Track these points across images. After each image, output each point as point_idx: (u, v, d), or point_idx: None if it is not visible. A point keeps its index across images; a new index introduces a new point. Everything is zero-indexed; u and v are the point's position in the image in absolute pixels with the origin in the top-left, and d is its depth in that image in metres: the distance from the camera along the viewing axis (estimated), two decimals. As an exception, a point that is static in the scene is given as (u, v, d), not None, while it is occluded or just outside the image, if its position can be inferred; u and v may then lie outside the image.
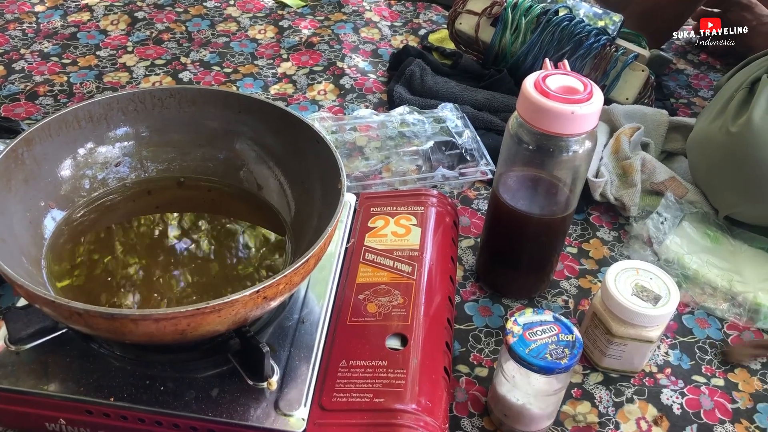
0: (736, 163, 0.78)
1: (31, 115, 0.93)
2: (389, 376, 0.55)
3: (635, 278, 0.64)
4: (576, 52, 0.96)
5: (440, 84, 0.99)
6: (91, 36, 1.09)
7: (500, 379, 0.60)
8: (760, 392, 0.67)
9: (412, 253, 0.66)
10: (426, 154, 0.87)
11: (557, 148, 0.62)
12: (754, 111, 0.75)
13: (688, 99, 1.07)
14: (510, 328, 0.57)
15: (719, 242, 0.80)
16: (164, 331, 0.45)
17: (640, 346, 0.64)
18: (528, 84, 0.60)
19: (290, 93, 1.01)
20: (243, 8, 1.19)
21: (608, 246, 0.81)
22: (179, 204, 0.65)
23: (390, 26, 1.18)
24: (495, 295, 0.74)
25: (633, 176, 0.83)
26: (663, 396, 0.66)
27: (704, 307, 0.74)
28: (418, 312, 0.60)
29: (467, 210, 0.84)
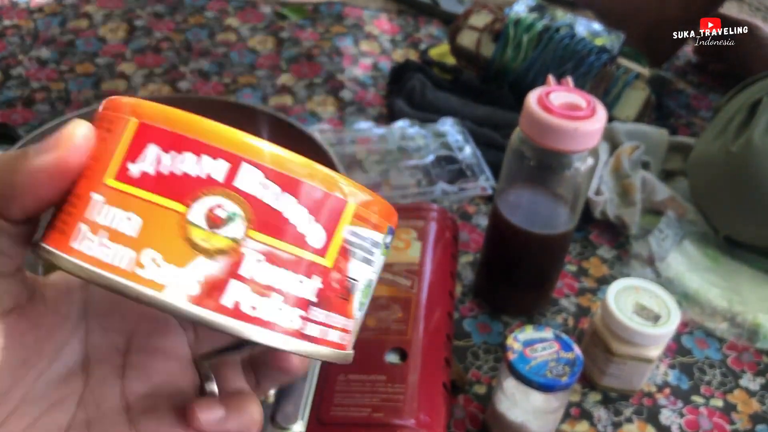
0: (735, 184, 0.78)
1: (28, 121, 0.92)
2: (388, 390, 0.55)
3: (635, 297, 0.63)
4: (577, 70, 0.96)
5: (441, 99, 0.99)
6: (89, 43, 1.09)
7: (499, 396, 0.59)
8: (758, 413, 0.67)
9: (411, 267, 0.65)
10: (426, 169, 0.87)
11: (559, 164, 0.62)
12: (754, 132, 0.75)
13: (688, 119, 1.07)
14: (510, 344, 0.57)
15: (719, 262, 0.79)
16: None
17: (639, 366, 0.64)
18: (531, 99, 0.60)
19: (289, 104, 1.01)
20: (243, 19, 1.19)
21: (608, 264, 0.80)
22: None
23: (390, 40, 1.18)
24: (494, 312, 0.74)
25: (633, 195, 0.83)
26: (662, 416, 0.66)
27: (703, 327, 0.74)
28: (417, 326, 0.59)
29: (466, 226, 0.84)
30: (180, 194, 0.23)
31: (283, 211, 0.24)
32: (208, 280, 0.23)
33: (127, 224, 0.23)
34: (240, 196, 0.23)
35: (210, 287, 0.23)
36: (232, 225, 0.23)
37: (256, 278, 0.24)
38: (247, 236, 0.23)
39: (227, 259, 0.23)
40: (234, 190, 0.23)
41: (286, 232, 0.24)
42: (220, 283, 0.23)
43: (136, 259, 0.23)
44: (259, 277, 0.24)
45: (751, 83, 0.83)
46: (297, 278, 0.24)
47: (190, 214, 0.23)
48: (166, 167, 0.23)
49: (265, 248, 0.24)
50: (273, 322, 0.24)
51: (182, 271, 0.23)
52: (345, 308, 0.26)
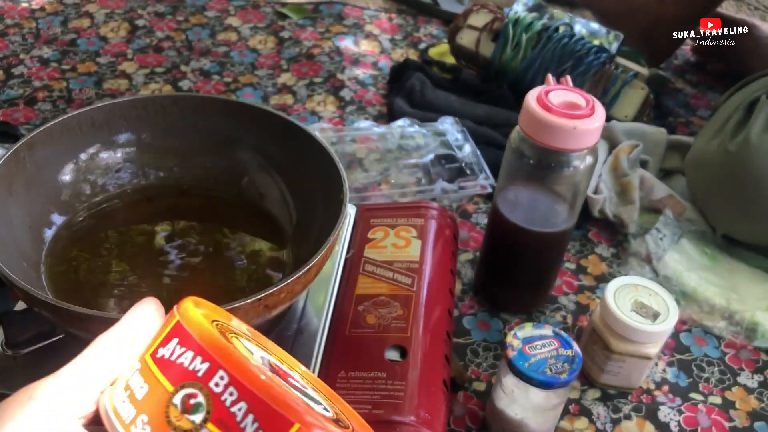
0: (733, 182, 0.78)
1: (30, 120, 0.93)
2: (388, 387, 0.55)
3: (634, 295, 0.64)
4: (576, 69, 0.96)
5: (440, 98, 1.00)
6: (91, 42, 1.09)
7: (499, 393, 0.60)
8: (757, 411, 0.67)
9: (411, 265, 0.65)
10: (426, 167, 0.87)
11: (558, 163, 0.62)
12: (751, 130, 0.76)
13: (687, 118, 1.07)
14: (510, 342, 0.57)
15: (717, 260, 0.80)
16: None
17: (638, 363, 0.64)
18: (531, 98, 0.60)
19: (290, 104, 1.01)
20: (243, 18, 1.19)
21: (606, 262, 0.81)
22: (180, 211, 0.65)
23: (390, 39, 1.19)
24: (493, 310, 0.74)
25: (632, 193, 0.83)
26: (660, 413, 0.66)
27: (702, 325, 0.74)
28: (417, 324, 0.60)
29: (466, 224, 0.84)
30: (174, 378, 0.30)
31: (236, 414, 0.29)
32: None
33: (140, 390, 0.30)
34: (208, 392, 0.29)
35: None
36: (197, 414, 0.29)
37: None
38: (204, 426, 0.29)
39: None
40: (206, 386, 0.29)
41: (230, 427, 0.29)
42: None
43: (134, 418, 0.30)
44: None
45: (749, 82, 0.84)
46: None
47: (175, 396, 0.29)
48: (175, 356, 0.30)
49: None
50: None
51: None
52: None
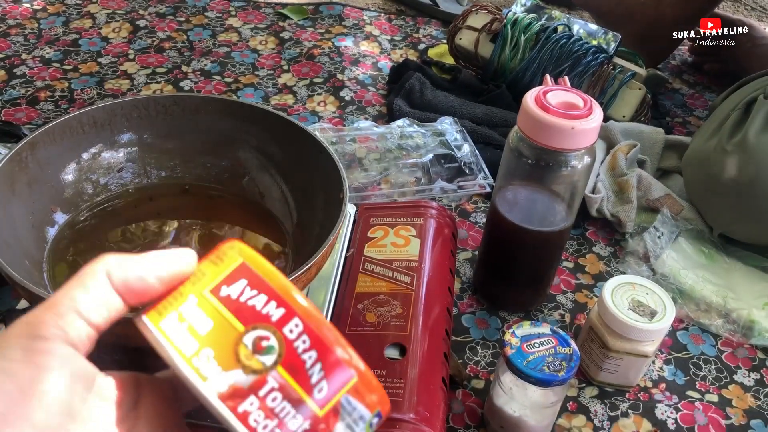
0: (731, 182, 0.78)
1: (32, 120, 0.93)
2: (387, 385, 0.55)
3: (632, 293, 0.64)
4: (574, 70, 0.97)
5: (439, 98, 1.00)
6: (92, 43, 1.10)
7: (497, 391, 0.60)
8: (753, 408, 0.68)
9: (411, 264, 0.66)
10: (425, 167, 0.88)
11: (556, 162, 0.63)
12: (749, 131, 0.76)
13: (684, 118, 1.08)
14: (508, 339, 0.58)
15: (714, 259, 0.80)
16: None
17: (635, 361, 0.65)
18: (529, 99, 0.61)
19: (290, 104, 1.02)
20: (244, 19, 1.20)
21: (604, 261, 0.81)
22: (181, 210, 0.65)
23: (390, 40, 1.19)
24: (492, 308, 0.74)
25: (629, 193, 0.84)
26: (657, 411, 0.67)
27: (699, 323, 0.75)
28: (416, 322, 0.60)
29: (465, 223, 0.84)
30: (245, 318, 0.31)
31: (306, 362, 0.31)
32: (236, 387, 0.30)
33: (203, 325, 0.31)
34: (282, 337, 0.31)
35: (235, 393, 0.30)
36: (268, 355, 0.31)
37: (267, 401, 0.31)
38: (274, 368, 0.31)
39: (255, 378, 0.31)
40: (280, 332, 0.31)
41: (301, 378, 0.31)
42: (243, 393, 0.30)
43: (197, 351, 0.31)
44: (269, 401, 0.31)
45: (747, 82, 0.84)
46: (294, 414, 0.31)
47: (246, 335, 0.31)
48: (244, 297, 0.32)
49: (283, 382, 0.31)
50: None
51: (223, 373, 0.31)
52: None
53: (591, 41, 1.01)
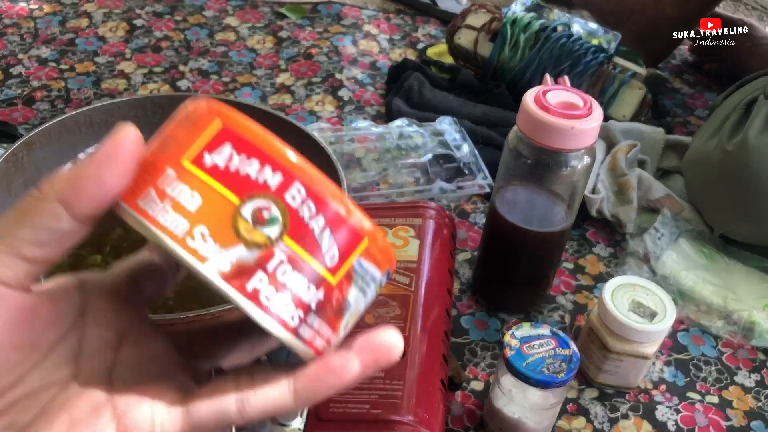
0: (731, 182, 0.78)
1: (28, 120, 0.93)
2: (386, 387, 0.55)
3: (632, 294, 0.64)
4: (574, 69, 0.97)
5: (439, 98, 1.00)
6: (89, 42, 1.09)
7: (497, 392, 0.60)
8: (754, 410, 0.68)
9: (409, 265, 0.66)
10: (424, 167, 0.87)
11: (556, 162, 0.62)
12: (749, 131, 0.76)
13: (684, 118, 1.07)
14: (507, 341, 0.57)
15: (714, 260, 0.80)
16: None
17: (635, 362, 0.64)
18: (528, 98, 0.60)
19: (288, 104, 1.01)
20: (242, 18, 1.19)
21: (604, 262, 0.81)
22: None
23: (388, 39, 1.19)
24: (491, 309, 0.74)
25: (629, 193, 0.84)
26: (658, 412, 0.66)
27: (699, 325, 0.74)
28: (415, 324, 0.60)
29: (464, 223, 0.84)
30: (239, 190, 0.28)
31: (314, 229, 0.28)
32: (240, 264, 0.27)
33: (190, 200, 0.28)
34: (284, 206, 0.28)
35: (240, 271, 0.27)
36: (272, 227, 0.28)
37: (277, 275, 0.28)
38: (280, 239, 0.28)
39: (260, 253, 0.28)
40: (282, 199, 0.28)
41: (310, 246, 0.28)
42: (249, 270, 0.27)
43: (189, 230, 0.27)
44: (279, 275, 0.28)
45: (747, 82, 0.84)
46: (307, 285, 0.28)
47: (243, 208, 0.28)
48: (234, 165, 0.28)
49: (291, 253, 0.28)
50: (278, 314, 0.28)
51: (223, 251, 0.27)
52: (335, 323, 0.30)
53: (591, 40, 1.01)
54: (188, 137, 0.29)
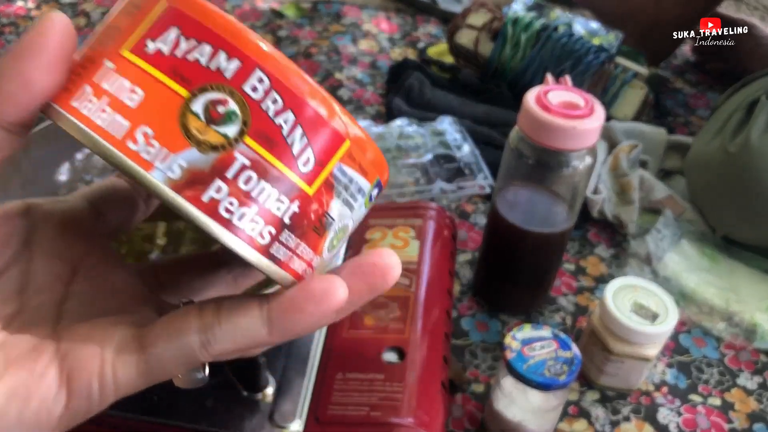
0: (733, 183, 0.78)
1: (26, 119, 0.92)
2: (386, 389, 0.55)
3: (634, 296, 0.64)
4: (575, 69, 0.96)
5: (439, 97, 0.99)
6: (88, 41, 1.09)
7: (497, 395, 0.59)
8: (756, 412, 0.67)
9: (409, 266, 0.65)
10: (424, 167, 0.87)
11: (557, 163, 0.62)
12: (752, 131, 0.75)
13: (686, 118, 1.07)
14: (508, 343, 0.57)
15: (716, 261, 0.80)
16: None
17: (637, 364, 0.64)
18: (529, 98, 0.60)
19: (288, 103, 1.01)
20: (241, 17, 1.19)
21: (606, 263, 0.81)
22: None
23: (389, 39, 1.18)
24: (492, 311, 0.74)
25: (631, 194, 0.83)
26: (660, 415, 0.66)
27: (701, 326, 0.74)
28: (415, 325, 0.59)
29: (464, 224, 0.84)
30: (187, 81, 0.23)
31: (282, 127, 0.24)
32: (193, 171, 0.23)
33: (130, 96, 0.23)
34: (244, 99, 0.23)
35: (194, 178, 0.23)
36: (230, 125, 0.23)
37: (240, 184, 0.24)
38: (241, 140, 0.24)
39: (216, 157, 0.23)
40: (240, 91, 0.23)
41: (279, 148, 0.24)
42: (204, 178, 0.23)
43: (130, 132, 0.23)
44: (242, 184, 0.24)
45: (749, 82, 0.84)
46: (277, 196, 0.24)
47: (193, 102, 0.23)
48: (181, 51, 0.23)
49: (255, 157, 0.24)
50: (244, 230, 0.24)
51: (171, 156, 0.23)
52: (316, 242, 0.26)
53: (592, 40, 1.01)
54: (130, 24, 0.24)
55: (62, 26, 0.24)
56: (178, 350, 0.25)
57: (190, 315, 0.26)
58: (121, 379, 0.25)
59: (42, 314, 0.27)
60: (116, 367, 0.25)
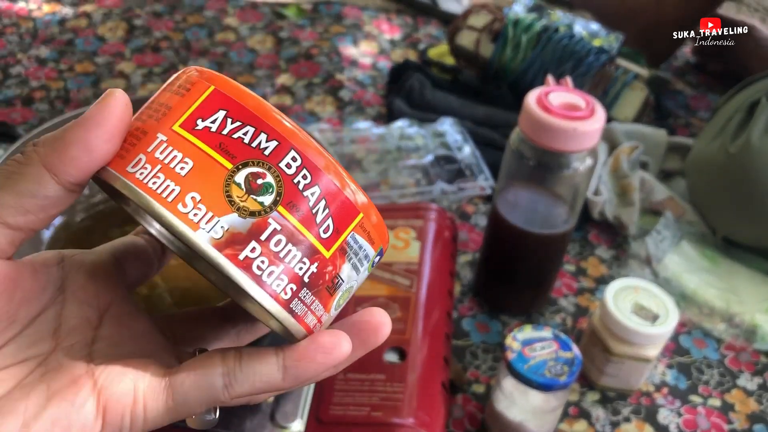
0: (734, 185, 0.78)
1: (27, 120, 0.92)
2: (387, 389, 0.55)
3: (634, 297, 0.64)
4: (576, 70, 0.96)
5: (440, 98, 0.99)
6: (88, 42, 1.09)
7: (498, 395, 0.59)
8: (756, 413, 0.67)
9: (410, 267, 0.65)
10: (425, 168, 0.87)
11: (558, 164, 0.62)
12: (752, 133, 0.76)
13: (687, 119, 1.07)
14: (509, 344, 0.57)
15: (717, 263, 0.80)
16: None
17: (637, 365, 0.64)
18: (530, 99, 0.60)
19: (288, 104, 1.01)
20: (242, 18, 1.19)
21: (606, 264, 0.81)
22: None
23: (389, 40, 1.18)
24: (493, 312, 0.74)
25: (631, 195, 0.83)
26: (660, 415, 0.66)
27: (701, 327, 0.74)
28: (416, 326, 0.60)
29: (465, 225, 0.84)
30: (232, 155, 0.27)
31: (309, 199, 0.28)
32: (233, 233, 0.27)
33: (181, 165, 0.27)
34: (279, 174, 0.27)
35: (233, 239, 0.27)
36: (266, 195, 0.27)
37: (271, 246, 0.27)
38: (275, 208, 0.27)
39: (253, 221, 0.27)
40: (276, 167, 0.27)
41: (305, 217, 0.28)
42: (242, 239, 0.27)
43: (180, 196, 0.26)
44: (273, 246, 0.27)
45: (750, 83, 0.84)
46: (300, 257, 0.28)
47: (236, 174, 0.27)
48: (227, 130, 0.27)
49: (285, 223, 0.27)
50: (271, 286, 0.27)
51: (215, 219, 0.27)
52: (327, 300, 0.29)
53: (593, 41, 1.01)
54: (181, 103, 0.28)
55: (123, 103, 0.27)
56: (203, 390, 0.28)
57: (215, 359, 0.29)
58: (149, 414, 0.28)
59: (75, 353, 0.29)
60: (147, 403, 0.28)
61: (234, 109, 0.27)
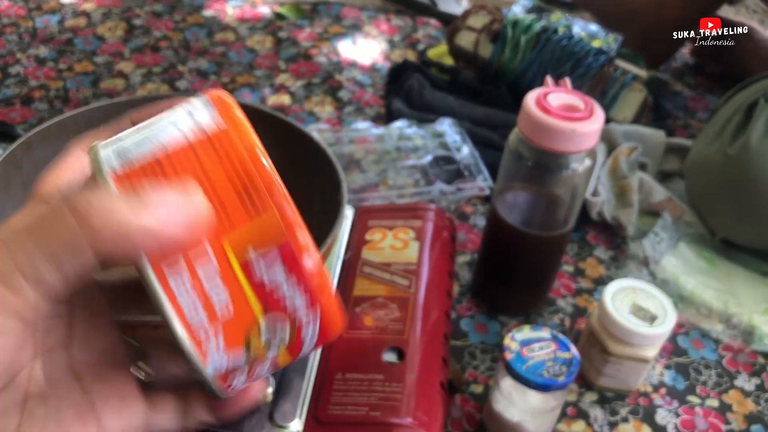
0: (732, 186, 0.78)
1: (26, 119, 0.92)
2: (385, 389, 0.55)
3: (632, 297, 0.64)
4: (575, 71, 0.96)
5: (439, 99, 0.99)
6: (87, 42, 1.09)
7: (496, 395, 0.60)
8: (754, 414, 0.67)
9: (409, 267, 0.65)
10: (424, 169, 0.87)
11: (557, 165, 0.62)
12: (751, 134, 0.76)
13: (685, 120, 1.07)
14: (507, 344, 0.57)
15: (715, 264, 0.80)
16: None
17: (635, 366, 0.64)
18: (529, 100, 0.60)
19: (287, 104, 1.01)
20: (241, 18, 1.19)
21: (604, 265, 0.81)
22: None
23: (389, 40, 1.18)
24: (491, 312, 0.74)
25: (630, 196, 0.83)
26: (658, 416, 0.66)
27: (699, 328, 0.74)
28: (415, 326, 0.60)
29: (464, 226, 0.84)
30: (266, 303, 0.27)
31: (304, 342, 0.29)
32: (235, 368, 0.28)
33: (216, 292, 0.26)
34: (296, 328, 0.28)
35: (232, 372, 0.28)
36: (276, 347, 0.28)
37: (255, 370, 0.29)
38: (277, 353, 0.28)
39: (254, 359, 0.28)
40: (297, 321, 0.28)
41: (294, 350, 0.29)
42: (238, 371, 0.28)
43: (203, 326, 0.26)
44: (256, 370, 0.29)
45: (748, 85, 0.84)
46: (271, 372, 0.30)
47: (262, 324, 0.27)
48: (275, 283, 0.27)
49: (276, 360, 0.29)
50: (234, 388, 0.30)
51: (225, 356, 0.27)
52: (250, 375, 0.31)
53: (592, 42, 1.01)
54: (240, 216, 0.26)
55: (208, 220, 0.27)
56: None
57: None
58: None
59: (63, 377, 0.30)
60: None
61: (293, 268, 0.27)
